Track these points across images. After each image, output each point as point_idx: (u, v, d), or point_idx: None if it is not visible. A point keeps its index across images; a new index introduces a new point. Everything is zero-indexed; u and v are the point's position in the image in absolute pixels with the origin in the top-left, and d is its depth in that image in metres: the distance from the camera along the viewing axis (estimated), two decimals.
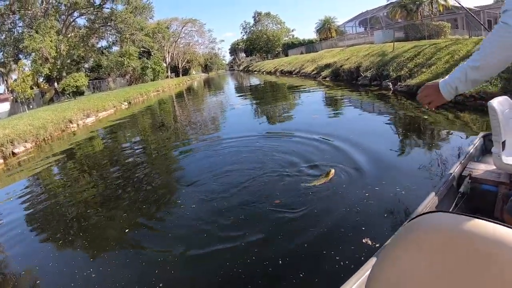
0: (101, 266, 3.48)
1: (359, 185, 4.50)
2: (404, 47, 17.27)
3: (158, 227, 4.18)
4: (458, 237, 0.94)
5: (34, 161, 9.90)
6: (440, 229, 0.99)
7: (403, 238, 1.10)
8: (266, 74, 46.18)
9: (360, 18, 43.68)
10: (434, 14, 26.41)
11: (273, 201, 4.24)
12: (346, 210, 3.85)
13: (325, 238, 3.36)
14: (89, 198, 5.78)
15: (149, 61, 48.09)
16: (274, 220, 3.80)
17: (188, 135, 10.27)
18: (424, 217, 1.04)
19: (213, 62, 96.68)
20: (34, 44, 27.78)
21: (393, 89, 13.79)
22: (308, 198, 4.23)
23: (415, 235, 1.05)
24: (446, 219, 1.00)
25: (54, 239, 4.38)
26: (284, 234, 3.52)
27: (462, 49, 12.78)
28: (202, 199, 4.73)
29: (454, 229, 0.95)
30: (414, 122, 8.24)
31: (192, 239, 3.70)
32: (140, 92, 31.08)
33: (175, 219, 4.29)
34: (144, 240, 3.91)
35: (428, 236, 1.01)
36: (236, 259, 3.19)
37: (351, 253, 3.03)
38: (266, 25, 79.64)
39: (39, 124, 13.56)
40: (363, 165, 5.20)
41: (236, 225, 3.83)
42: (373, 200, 4.00)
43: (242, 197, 4.54)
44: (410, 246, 1.05)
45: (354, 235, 3.31)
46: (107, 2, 35.78)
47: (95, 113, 19.25)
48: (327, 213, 3.82)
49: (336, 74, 21.95)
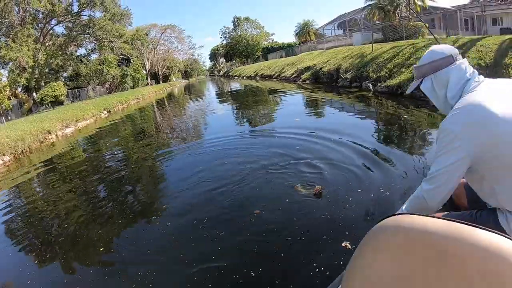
0: (78, 283, 3.44)
1: (341, 187, 4.53)
2: (382, 48, 17.57)
3: (135, 242, 4.10)
4: (418, 237, 0.96)
5: (12, 174, 9.67)
6: (401, 231, 1.00)
7: (368, 243, 1.10)
8: (246, 79, 46.28)
9: (339, 20, 44.30)
10: (412, 15, 26.91)
11: (253, 211, 4.21)
12: (327, 215, 3.84)
13: (305, 246, 3.35)
14: (68, 212, 5.69)
15: (128, 69, 47.80)
16: (253, 232, 3.76)
17: (169, 143, 10.22)
18: (389, 219, 1.05)
19: (193, 68, 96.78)
20: (11, 53, 27.29)
21: (373, 90, 14.01)
22: (289, 206, 4.23)
23: (378, 239, 1.06)
24: (408, 221, 1.00)
25: (32, 254, 4.31)
26: (262, 246, 3.48)
27: None
28: (181, 211, 4.70)
29: (414, 229, 0.97)
30: (395, 122, 8.31)
31: (168, 257, 3.62)
32: (120, 100, 30.75)
33: (153, 235, 4.18)
34: (121, 256, 3.84)
35: (391, 238, 1.02)
36: (211, 276, 3.13)
37: (332, 260, 3.04)
38: (245, 29, 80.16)
39: (17, 136, 13.28)
40: (345, 167, 5.25)
41: (214, 240, 3.74)
42: (356, 204, 4.01)
43: (221, 209, 4.49)
44: (374, 250, 1.06)
45: (335, 241, 3.31)
46: (85, 9, 35.34)
47: (74, 123, 18.96)
48: (308, 220, 3.83)
49: (316, 77, 22.17)
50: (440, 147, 1.61)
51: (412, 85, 1.98)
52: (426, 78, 1.85)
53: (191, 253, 3.57)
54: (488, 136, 1.49)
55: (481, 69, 10.09)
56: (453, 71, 1.74)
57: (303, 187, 4.66)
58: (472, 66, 1.80)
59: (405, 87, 11.89)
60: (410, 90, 2.01)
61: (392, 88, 12.62)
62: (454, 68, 1.75)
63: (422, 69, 1.86)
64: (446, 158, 1.58)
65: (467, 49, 11.76)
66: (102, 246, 4.15)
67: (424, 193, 1.69)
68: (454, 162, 1.56)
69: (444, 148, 1.59)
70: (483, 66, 10.11)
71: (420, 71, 1.88)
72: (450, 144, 1.56)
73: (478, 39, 12.43)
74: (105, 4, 35.11)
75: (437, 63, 1.78)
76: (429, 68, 1.82)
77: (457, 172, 1.58)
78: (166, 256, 3.63)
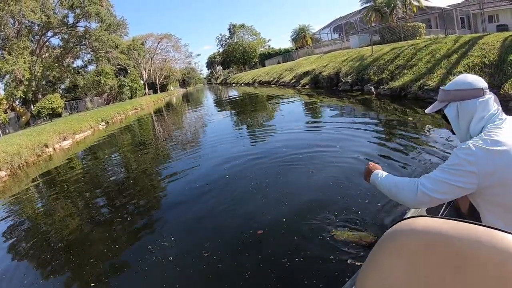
0: None
1: (352, 191, 4.36)
2: (382, 49, 17.40)
3: (133, 263, 3.86)
4: (436, 240, 0.96)
5: (9, 190, 9.49)
6: (417, 234, 1.00)
7: (385, 245, 1.11)
8: (244, 86, 46.27)
9: (334, 24, 44.42)
10: (409, 16, 26.85)
11: (255, 232, 3.91)
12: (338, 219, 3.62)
13: (310, 264, 3.12)
14: (67, 227, 5.49)
15: (126, 79, 47.62)
16: (256, 255, 3.48)
17: (169, 154, 9.93)
18: (404, 222, 1.06)
19: (190, 77, 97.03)
20: (6, 66, 27.06)
21: (375, 92, 13.80)
22: (292, 225, 3.93)
23: (395, 241, 1.07)
24: (424, 224, 1.01)
25: (33, 268, 4.26)
26: (265, 270, 3.22)
27: (442, 47, 12.90)
28: (182, 229, 4.46)
29: (431, 232, 0.97)
30: (401, 125, 8.10)
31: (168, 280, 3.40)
32: (118, 111, 30.61)
33: (153, 255, 3.90)
34: (120, 278, 3.68)
35: (407, 241, 1.03)
36: None
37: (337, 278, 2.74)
38: (241, 36, 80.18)
39: (14, 151, 13.05)
40: (353, 171, 5.03)
41: (217, 261, 3.50)
42: (364, 212, 3.81)
43: (223, 228, 4.20)
44: (391, 251, 1.07)
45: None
46: (80, 20, 35.26)
47: (72, 136, 18.75)
48: (314, 236, 3.59)
49: (316, 81, 21.97)
50: (455, 163, 1.63)
51: (434, 106, 1.98)
52: (452, 103, 1.86)
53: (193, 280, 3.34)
54: (500, 178, 1.53)
55: (485, 67, 9.91)
56: (481, 104, 1.75)
57: (342, 232, 3.56)
58: (476, 64, 1.81)
59: (408, 89, 11.69)
60: (431, 110, 2.00)
61: (395, 91, 12.43)
62: (482, 102, 1.75)
63: (450, 94, 1.86)
64: (457, 176, 1.61)
65: (469, 48, 11.57)
66: (107, 256, 4.03)
67: (421, 187, 1.71)
68: (461, 184, 1.60)
69: (458, 166, 1.61)
70: (487, 64, 9.90)
71: (447, 95, 1.88)
72: (465, 166, 1.58)
73: (479, 37, 12.22)
74: (101, 15, 34.93)
75: (467, 93, 1.78)
76: (458, 95, 1.81)
77: (457, 192, 1.64)
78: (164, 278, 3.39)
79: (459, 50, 11.91)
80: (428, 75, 11.52)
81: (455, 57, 11.64)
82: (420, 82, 11.47)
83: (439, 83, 10.52)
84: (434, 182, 1.67)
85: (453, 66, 11.13)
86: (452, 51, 12.13)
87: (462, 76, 1.85)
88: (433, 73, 11.42)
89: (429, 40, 15.79)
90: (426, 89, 10.88)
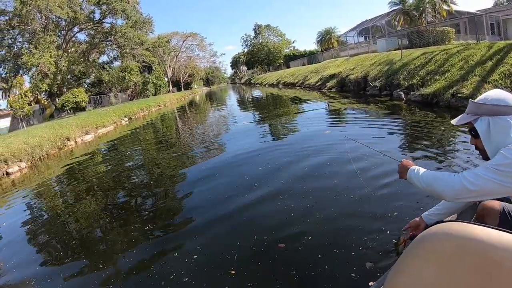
0: None
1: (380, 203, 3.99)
2: (412, 54, 16.66)
3: (153, 269, 3.55)
4: (470, 245, 0.94)
5: (29, 181, 9.40)
6: (451, 238, 0.98)
7: (416, 248, 1.10)
8: (268, 87, 45.78)
9: (361, 27, 43.74)
10: (439, 20, 26.08)
11: (277, 244, 3.57)
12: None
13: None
14: (85, 221, 5.30)
15: (150, 76, 47.96)
16: (277, 272, 3.13)
17: (193, 155, 9.49)
18: (438, 226, 1.05)
19: (214, 76, 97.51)
20: (32, 59, 27.35)
21: (405, 98, 13.16)
22: (315, 239, 3.58)
23: (427, 245, 1.05)
24: (458, 228, 0.99)
25: (52, 263, 4.11)
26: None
27: (475, 54, 12.22)
28: (205, 242, 4.01)
29: (466, 237, 0.95)
30: (432, 133, 7.55)
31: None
32: (141, 107, 30.74)
33: (174, 263, 3.59)
34: (136, 278, 3.45)
35: (440, 245, 1.01)
36: None
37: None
38: (266, 37, 79.70)
39: (35, 143, 13.03)
40: (384, 182, 4.62)
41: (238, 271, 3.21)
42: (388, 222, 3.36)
43: (247, 239, 3.83)
44: (422, 255, 1.06)
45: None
46: (106, 17, 35.53)
47: (94, 130, 18.75)
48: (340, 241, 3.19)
49: (342, 85, 21.30)
50: (504, 163, 1.60)
51: (462, 118, 1.93)
52: (483, 118, 1.81)
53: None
54: None
55: None
56: None
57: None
58: None
59: (440, 96, 11.01)
60: (458, 122, 1.95)
61: (426, 97, 11.76)
62: None
63: (481, 108, 1.81)
64: (504, 176, 1.60)
65: (504, 55, 10.95)
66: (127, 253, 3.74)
67: (464, 181, 1.70)
68: (510, 184, 1.60)
69: (506, 167, 1.59)
70: None
71: (477, 108, 1.83)
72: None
73: None
74: (127, 11, 35.10)
75: (501, 109, 1.74)
76: (490, 109, 1.77)
77: (502, 191, 1.65)
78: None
79: (494, 57, 11.27)
80: (461, 82, 10.84)
81: (489, 64, 11.00)
82: (453, 89, 10.78)
83: (473, 91, 9.92)
84: (479, 178, 1.65)
85: (488, 74, 10.50)
86: (486, 58, 11.47)
87: (496, 91, 1.83)
88: (467, 80, 10.74)
89: (461, 45, 15.00)
90: (459, 97, 10.19)
